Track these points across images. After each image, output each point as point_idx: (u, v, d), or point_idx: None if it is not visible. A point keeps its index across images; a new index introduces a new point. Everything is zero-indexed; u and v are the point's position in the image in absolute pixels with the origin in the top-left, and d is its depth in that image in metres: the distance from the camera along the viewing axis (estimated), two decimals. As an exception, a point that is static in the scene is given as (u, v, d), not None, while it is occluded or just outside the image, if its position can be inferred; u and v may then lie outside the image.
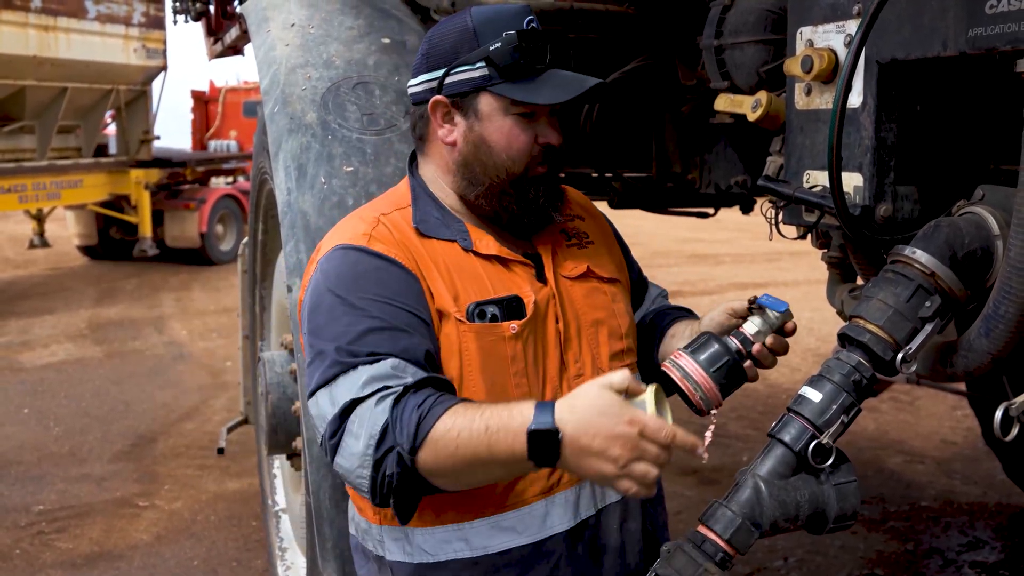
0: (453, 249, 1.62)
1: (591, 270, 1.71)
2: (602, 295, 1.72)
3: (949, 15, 1.51)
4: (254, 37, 2.84)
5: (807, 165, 1.85)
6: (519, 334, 1.58)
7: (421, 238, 1.61)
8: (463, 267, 1.60)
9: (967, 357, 1.56)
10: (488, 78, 1.57)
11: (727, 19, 2.24)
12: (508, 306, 1.59)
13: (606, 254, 1.79)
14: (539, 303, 1.62)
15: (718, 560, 1.44)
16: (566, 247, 1.72)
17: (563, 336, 1.64)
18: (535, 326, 1.61)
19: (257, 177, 3.33)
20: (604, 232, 1.84)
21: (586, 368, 1.66)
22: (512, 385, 1.58)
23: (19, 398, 6.53)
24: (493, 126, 1.60)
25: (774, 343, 1.62)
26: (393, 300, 1.51)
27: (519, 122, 1.60)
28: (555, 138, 1.62)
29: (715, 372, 1.56)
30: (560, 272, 1.68)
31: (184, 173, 13.32)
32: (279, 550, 3.35)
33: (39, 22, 10.22)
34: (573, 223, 1.77)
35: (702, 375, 1.56)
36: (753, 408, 6.04)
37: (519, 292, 1.61)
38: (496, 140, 1.60)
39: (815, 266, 10.89)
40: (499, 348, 1.57)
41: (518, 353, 1.58)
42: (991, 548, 4.14)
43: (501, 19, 1.59)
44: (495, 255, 1.63)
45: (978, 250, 1.55)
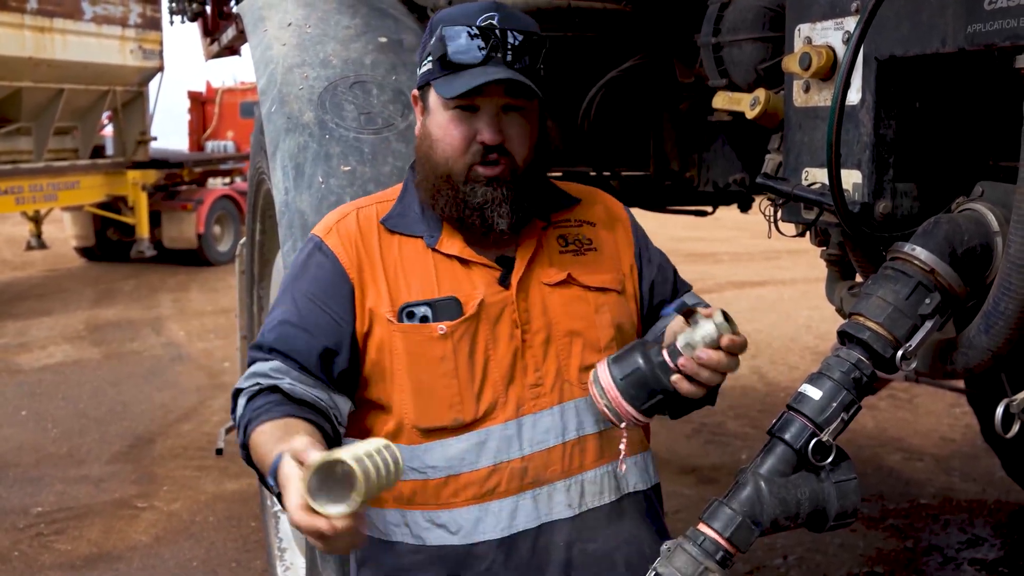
0: (415, 246, 1.64)
1: (573, 277, 1.67)
2: (584, 304, 1.67)
3: (948, 11, 1.50)
4: (251, 37, 2.84)
5: (806, 162, 1.84)
6: (449, 335, 1.58)
7: (385, 233, 1.65)
8: (417, 265, 1.62)
9: (967, 354, 1.55)
10: (431, 72, 1.59)
11: (725, 17, 2.24)
12: (442, 306, 1.59)
13: (607, 262, 1.73)
14: (489, 306, 1.60)
15: (719, 558, 1.44)
16: (558, 253, 1.68)
17: (523, 343, 1.62)
18: (475, 328, 1.59)
19: (254, 177, 3.33)
20: (615, 239, 1.77)
21: (548, 378, 1.62)
22: (440, 385, 1.59)
23: (17, 400, 6.52)
24: (435, 120, 1.61)
25: (701, 357, 1.46)
26: (316, 298, 1.61)
27: (456, 116, 1.58)
28: (488, 135, 1.56)
29: (623, 381, 1.50)
30: (539, 278, 1.65)
31: (181, 174, 13.31)
32: (278, 550, 3.35)
33: (35, 23, 10.21)
34: (580, 229, 1.73)
35: (610, 384, 1.51)
36: (751, 407, 6.05)
37: (463, 293, 1.60)
38: (436, 135, 1.60)
39: (814, 264, 10.86)
40: (427, 348, 1.59)
41: (447, 354, 1.58)
42: (990, 545, 4.14)
43: (454, 16, 1.59)
44: (456, 255, 1.62)
45: (978, 247, 1.55)
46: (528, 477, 1.61)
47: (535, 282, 1.65)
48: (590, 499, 1.65)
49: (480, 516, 1.60)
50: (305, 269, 1.65)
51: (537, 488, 1.61)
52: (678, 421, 6.48)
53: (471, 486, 1.60)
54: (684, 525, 1.54)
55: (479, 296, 1.60)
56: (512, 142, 1.59)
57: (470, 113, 1.57)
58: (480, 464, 1.60)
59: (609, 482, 1.67)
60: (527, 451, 1.61)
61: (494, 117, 1.58)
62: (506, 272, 1.63)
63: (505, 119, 1.59)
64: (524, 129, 1.61)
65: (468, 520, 1.61)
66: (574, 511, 1.63)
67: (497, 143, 1.57)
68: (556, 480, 1.62)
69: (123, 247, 12.89)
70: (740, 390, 6.36)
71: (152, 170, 12.54)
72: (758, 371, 6.89)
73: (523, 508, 1.61)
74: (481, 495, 1.60)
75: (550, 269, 1.66)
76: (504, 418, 1.60)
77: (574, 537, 1.63)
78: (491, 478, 1.60)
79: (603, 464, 1.66)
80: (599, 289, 1.69)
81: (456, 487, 1.60)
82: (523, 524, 1.61)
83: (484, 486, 1.60)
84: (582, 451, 1.64)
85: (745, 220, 4.75)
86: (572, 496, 1.63)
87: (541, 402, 1.62)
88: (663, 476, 3.81)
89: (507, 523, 1.61)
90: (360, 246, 1.64)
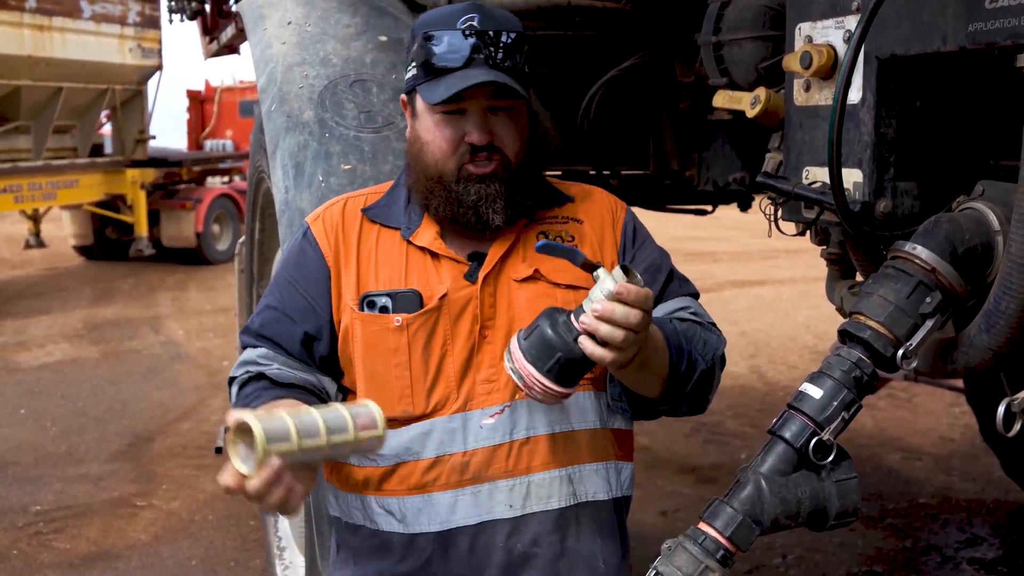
0: (392, 237, 1.66)
1: (540, 273, 1.64)
2: (550, 301, 1.61)
3: (949, 10, 1.50)
4: (250, 35, 2.84)
5: (806, 161, 1.84)
6: (405, 327, 1.60)
7: (366, 223, 1.68)
8: (391, 255, 1.65)
9: (968, 353, 1.55)
10: (417, 77, 1.60)
11: (725, 15, 2.24)
12: (402, 298, 1.61)
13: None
14: (453, 301, 1.60)
15: (719, 557, 1.44)
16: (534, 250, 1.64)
17: (483, 338, 1.60)
18: (434, 322, 1.60)
19: (254, 176, 3.33)
20: (600, 239, 1.73)
21: (502, 374, 1.58)
22: (392, 376, 1.61)
23: (15, 398, 6.52)
24: (423, 124, 1.62)
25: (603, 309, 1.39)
26: (298, 283, 1.67)
27: (444, 119, 1.59)
28: (477, 136, 1.57)
29: (526, 341, 1.45)
30: (510, 274, 1.64)
31: (180, 173, 13.30)
32: (277, 549, 3.35)
33: (34, 22, 10.20)
34: (565, 225, 1.71)
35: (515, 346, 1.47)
36: (751, 406, 6.05)
37: (428, 286, 1.61)
38: (425, 138, 1.61)
39: (813, 264, 10.87)
40: (382, 338, 1.61)
41: (401, 345, 1.60)
42: (989, 545, 4.14)
43: (435, 20, 1.60)
44: (426, 247, 1.64)
45: (978, 246, 1.55)
46: (469, 472, 1.59)
47: (505, 277, 1.64)
48: (535, 502, 1.61)
49: (421, 506, 1.61)
50: (291, 255, 1.70)
51: (478, 485, 1.60)
52: (677, 420, 6.44)
53: (414, 475, 1.60)
54: (683, 524, 1.54)
55: (443, 290, 1.61)
56: (502, 140, 1.59)
57: (457, 116, 1.58)
58: (423, 455, 1.60)
59: (560, 488, 1.62)
60: (471, 446, 1.59)
61: (481, 118, 1.58)
62: (476, 266, 1.63)
63: (493, 119, 1.59)
64: (512, 127, 1.61)
65: (411, 509, 1.61)
66: (515, 512, 1.60)
67: (485, 143, 1.58)
68: (499, 479, 1.60)
69: (122, 246, 12.89)
70: (739, 389, 6.36)
71: (151, 169, 12.54)
72: (757, 370, 6.89)
73: (462, 503, 1.60)
74: (422, 485, 1.60)
75: (521, 265, 1.65)
76: (451, 411, 1.60)
77: (515, 539, 1.60)
78: (432, 470, 1.60)
79: (555, 468, 1.61)
80: (568, 286, 1.65)
81: (401, 475, 1.61)
82: (462, 520, 1.60)
83: (425, 477, 1.60)
84: (531, 452, 1.60)
85: (744, 219, 4.76)
86: (515, 497, 1.60)
87: (492, 398, 1.60)
88: (662, 475, 3.80)
89: (445, 516, 1.60)
90: (340, 233, 1.67)
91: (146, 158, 12.56)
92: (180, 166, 13.30)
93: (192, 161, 13.84)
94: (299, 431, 1.30)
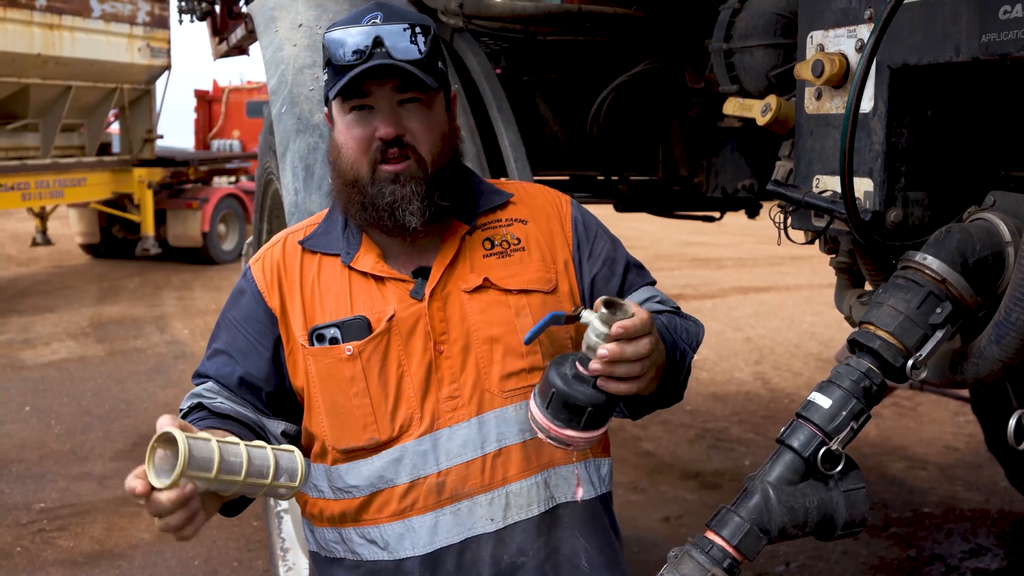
0: (333, 265, 1.63)
1: (490, 281, 1.61)
2: (503, 308, 1.61)
3: (962, 20, 1.50)
4: (261, 37, 2.84)
5: (817, 170, 1.84)
6: (356, 355, 1.56)
7: (307, 254, 1.65)
8: (333, 285, 1.61)
9: (977, 364, 1.55)
10: (328, 83, 1.57)
11: (736, 23, 2.23)
12: (350, 327, 1.57)
13: (534, 262, 1.65)
14: (401, 320, 1.57)
15: (726, 566, 1.43)
16: (482, 258, 1.63)
17: (439, 354, 1.58)
18: (385, 345, 1.57)
19: (263, 177, 3.33)
20: (549, 236, 1.69)
21: (465, 389, 1.58)
22: (353, 406, 1.58)
23: (20, 396, 6.53)
24: (337, 128, 1.60)
25: (609, 353, 1.36)
26: (239, 325, 1.65)
27: (354, 118, 1.55)
28: (383, 130, 1.53)
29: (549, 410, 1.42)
30: (459, 285, 1.60)
31: (187, 172, 13.34)
32: (281, 551, 3.35)
33: (44, 20, 10.23)
34: (509, 228, 1.67)
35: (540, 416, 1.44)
36: (755, 412, 6.04)
37: (374, 311, 1.58)
38: (340, 141, 1.59)
39: (817, 270, 10.89)
40: (337, 370, 1.57)
41: (357, 374, 1.56)
42: (993, 555, 4.13)
43: (342, 22, 1.57)
44: (368, 271, 1.60)
45: (989, 256, 1.54)
46: (446, 492, 1.57)
47: (454, 290, 1.60)
48: (516, 512, 1.59)
49: (403, 532, 1.58)
50: (232, 296, 1.68)
51: (457, 503, 1.57)
52: (681, 426, 6.43)
53: (391, 503, 1.58)
54: (686, 530, 1.54)
55: (390, 311, 1.57)
56: (414, 135, 1.55)
57: (367, 112, 1.54)
58: (398, 481, 1.58)
59: (539, 493, 1.60)
60: (444, 465, 1.57)
61: (389, 112, 1.54)
62: (421, 283, 1.60)
63: (404, 113, 1.55)
64: (425, 120, 1.56)
65: (393, 536, 1.59)
66: (498, 525, 1.58)
67: (393, 136, 1.53)
68: (477, 494, 1.58)
69: (128, 244, 12.92)
70: (743, 396, 6.36)
71: (158, 168, 12.58)
72: (761, 377, 6.88)
73: (443, 523, 1.58)
74: (401, 511, 1.58)
75: (470, 275, 1.61)
76: (419, 433, 1.57)
77: (500, 551, 1.58)
78: (409, 494, 1.57)
79: (530, 475, 1.60)
80: (521, 291, 1.62)
81: (379, 504, 1.59)
82: (445, 540, 1.58)
83: (403, 503, 1.58)
84: (505, 463, 1.59)
85: (749, 225, 4.76)
86: (495, 510, 1.58)
87: (458, 415, 1.57)
88: (665, 481, 3.80)
89: (428, 539, 1.58)
90: (282, 271, 1.64)
91: (153, 157, 12.60)
92: (187, 166, 13.33)
93: (199, 161, 13.88)
94: (221, 465, 1.29)
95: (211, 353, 1.66)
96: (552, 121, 3.13)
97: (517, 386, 1.60)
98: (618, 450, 5.25)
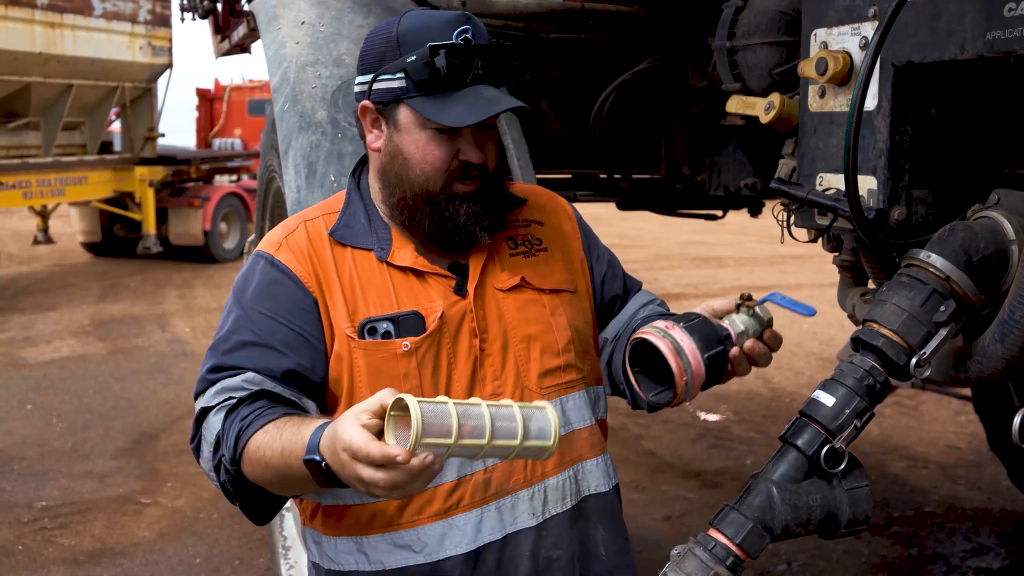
0: (367, 259, 1.59)
1: (526, 281, 1.63)
2: (539, 308, 1.63)
3: (967, 18, 1.50)
4: (264, 35, 2.84)
5: (820, 168, 1.84)
6: (413, 351, 1.54)
7: (336, 246, 1.60)
8: (372, 279, 1.57)
9: (981, 362, 1.55)
10: (405, 90, 1.52)
11: (740, 21, 2.23)
12: (405, 322, 1.54)
13: (558, 262, 1.69)
14: (449, 318, 1.56)
15: (729, 564, 1.43)
16: (509, 256, 1.65)
17: (482, 351, 1.58)
18: (438, 342, 1.55)
19: (265, 175, 3.33)
20: (564, 237, 1.74)
21: (507, 386, 1.58)
22: None
23: (22, 394, 6.53)
24: (410, 139, 1.55)
25: (752, 348, 1.53)
26: (278, 316, 1.55)
27: (436, 137, 1.53)
28: (475, 155, 1.53)
29: (709, 357, 1.47)
30: (493, 284, 1.61)
31: (188, 171, 13.33)
32: (282, 548, 3.35)
33: (45, 19, 10.23)
34: (528, 229, 1.70)
35: (695, 354, 1.46)
36: (756, 411, 6.03)
37: (422, 307, 1.56)
38: (412, 153, 1.55)
39: (819, 269, 10.85)
40: (390, 365, 1.54)
41: (411, 371, 1.54)
42: (995, 554, 4.13)
43: (428, 29, 1.52)
44: (409, 267, 1.58)
45: (993, 255, 1.54)
46: (491, 488, 1.57)
47: (489, 288, 1.61)
48: (552, 506, 1.62)
49: (445, 532, 1.56)
50: (259, 288, 1.57)
51: (501, 499, 1.58)
52: (682, 424, 6.41)
53: (435, 502, 1.56)
54: (688, 529, 1.54)
55: (439, 309, 1.56)
56: (488, 158, 1.57)
57: (450, 134, 1.53)
58: (444, 479, 1.55)
59: (570, 487, 1.64)
60: (490, 462, 1.56)
61: (475, 137, 1.54)
62: (461, 280, 1.59)
63: (481, 135, 1.56)
64: (495, 143, 1.59)
65: (433, 537, 1.56)
66: (537, 519, 1.60)
67: (482, 162, 1.55)
68: (519, 489, 1.59)
69: (129, 243, 12.91)
70: (745, 395, 6.35)
71: (159, 167, 12.57)
72: (763, 376, 6.87)
73: (488, 520, 1.57)
74: (445, 510, 1.56)
75: (502, 274, 1.62)
76: None
77: (539, 545, 1.60)
78: (455, 492, 1.56)
79: (564, 469, 1.63)
80: (553, 291, 1.65)
81: (420, 504, 1.56)
82: (488, 536, 1.57)
83: (448, 501, 1.56)
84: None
85: (750, 224, 4.76)
86: (535, 504, 1.60)
87: None
88: (667, 479, 3.79)
89: (472, 536, 1.57)
90: (314, 259, 1.58)
91: (155, 156, 12.59)
92: (188, 164, 13.33)
93: (200, 159, 13.87)
94: (461, 429, 1.22)
95: (235, 345, 1.54)
96: (554, 119, 3.13)
97: (553, 383, 1.63)
98: (619, 449, 5.25)
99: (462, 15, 1.54)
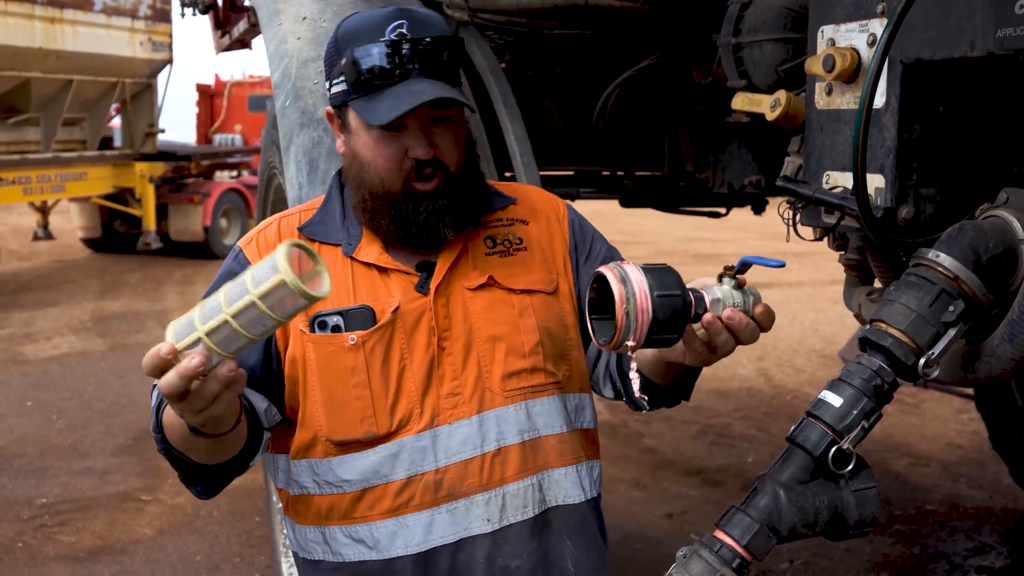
0: (334, 254, 1.59)
1: (494, 280, 1.60)
2: (507, 308, 1.60)
3: (977, 14, 1.48)
4: (265, 30, 2.83)
5: (827, 166, 1.82)
6: (360, 345, 1.53)
7: (305, 241, 1.59)
8: (335, 273, 1.56)
9: (990, 363, 1.53)
10: (347, 93, 1.52)
11: (745, 17, 2.21)
12: (354, 316, 1.54)
13: (537, 262, 1.66)
14: (405, 313, 1.55)
15: (735, 566, 1.41)
16: (484, 255, 1.62)
17: (441, 349, 1.56)
18: (389, 337, 1.54)
19: (265, 171, 3.32)
20: (549, 237, 1.70)
21: (467, 386, 1.56)
22: (353, 397, 1.54)
23: (22, 390, 6.52)
24: (360, 141, 1.55)
25: (731, 317, 1.39)
26: None
27: (383, 136, 1.52)
28: (422, 151, 1.51)
29: (660, 296, 1.33)
30: (462, 282, 1.59)
31: (189, 167, 13.34)
32: (284, 547, 3.34)
33: (45, 14, 10.22)
34: (511, 228, 1.67)
35: (643, 287, 1.33)
36: (757, 409, 6.03)
37: (379, 302, 1.55)
38: (364, 155, 1.55)
39: (820, 267, 10.84)
40: (338, 359, 1.54)
41: (359, 364, 1.53)
42: (997, 553, 4.12)
43: (361, 30, 1.51)
44: (372, 262, 1.58)
45: (1002, 254, 1.52)
46: (443, 490, 1.55)
47: (457, 287, 1.59)
48: (512, 513, 1.58)
49: (396, 530, 1.55)
50: (218, 277, 1.61)
51: (454, 501, 1.55)
52: (684, 422, 6.39)
53: (385, 499, 1.55)
54: (689, 527, 1.53)
55: (395, 303, 1.55)
56: (443, 152, 1.54)
57: (396, 131, 1.51)
58: (394, 477, 1.55)
59: (533, 495, 1.59)
60: (442, 463, 1.55)
61: (422, 132, 1.52)
62: (425, 277, 1.58)
63: (434, 130, 1.53)
64: (453, 137, 1.56)
65: (384, 534, 1.56)
66: (493, 526, 1.57)
67: (430, 158, 1.52)
68: (474, 493, 1.56)
69: (129, 239, 12.91)
70: (746, 392, 6.34)
71: (160, 162, 12.57)
72: (764, 373, 6.87)
73: (439, 522, 1.55)
74: (395, 508, 1.55)
75: (472, 272, 1.60)
76: (418, 429, 1.55)
77: (495, 553, 1.57)
78: (405, 491, 1.55)
79: (527, 476, 1.59)
80: (524, 291, 1.62)
81: (371, 500, 1.56)
82: (440, 539, 1.55)
83: (398, 499, 1.55)
84: (503, 463, 1.57)
85: (751, 221, 4.73)
86: (491, 510, 1.56)
87: (458, 412, 1.56)
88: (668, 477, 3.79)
89: (422, 538, 1.55)
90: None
91: (155, 152, 12.60)
92: (189, 160, 13.34)
93: (201, 155, 13.88)
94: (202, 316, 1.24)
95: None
96: (557, 115, 3.11)
97: (518, 386, 1.59)
98: (620, 447, 5.25)
99: (397, 10, 1.52)
